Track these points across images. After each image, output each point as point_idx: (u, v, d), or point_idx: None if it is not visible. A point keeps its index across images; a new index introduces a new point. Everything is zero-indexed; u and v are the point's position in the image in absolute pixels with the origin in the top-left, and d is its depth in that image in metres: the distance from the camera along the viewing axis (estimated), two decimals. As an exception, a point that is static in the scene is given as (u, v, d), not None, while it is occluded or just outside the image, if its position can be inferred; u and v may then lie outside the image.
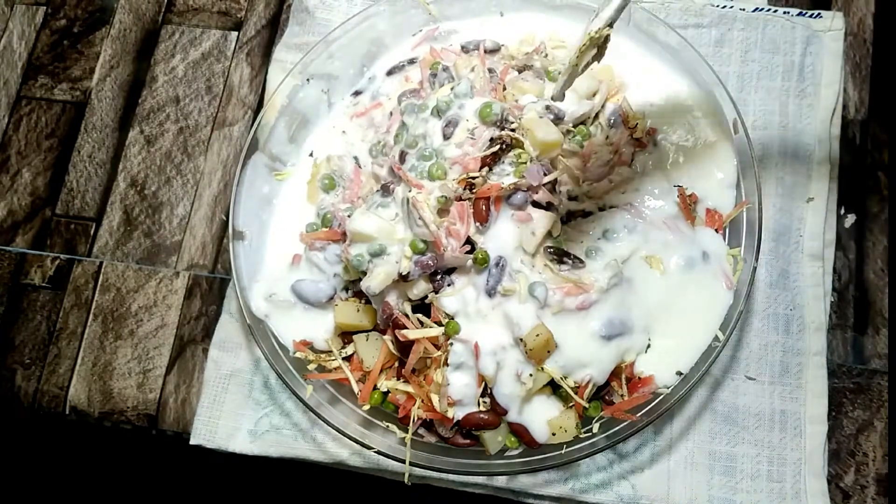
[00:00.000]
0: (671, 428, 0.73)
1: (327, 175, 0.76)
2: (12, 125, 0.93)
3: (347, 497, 0.98)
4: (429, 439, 0.67)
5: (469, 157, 0.65)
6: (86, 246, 0.87)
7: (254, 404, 0.77)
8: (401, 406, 0.68)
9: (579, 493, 0.72)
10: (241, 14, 0.94)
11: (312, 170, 0.78)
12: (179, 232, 0.86)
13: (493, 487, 0.73)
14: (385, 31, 0.81)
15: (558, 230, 0.67)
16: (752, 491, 0.71)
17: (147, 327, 0.83)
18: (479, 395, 0.65)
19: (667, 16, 0.83)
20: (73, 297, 0.85)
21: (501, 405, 0.64)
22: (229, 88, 0.91)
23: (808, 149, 0.79)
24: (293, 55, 0.87)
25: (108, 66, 0.94)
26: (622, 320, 0.65)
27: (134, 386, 0.81)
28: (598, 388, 0.66)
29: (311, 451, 0.75)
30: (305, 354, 0.71)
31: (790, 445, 0.72)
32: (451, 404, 0.65)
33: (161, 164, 0.89)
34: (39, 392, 0.82)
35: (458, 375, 0.65)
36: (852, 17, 0.86)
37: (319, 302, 0.71)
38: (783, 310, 0.75)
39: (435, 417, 0.66)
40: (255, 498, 1.13)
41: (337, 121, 0.81)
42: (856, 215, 0.79)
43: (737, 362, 0.74)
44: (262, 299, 0.72)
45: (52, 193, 0.90)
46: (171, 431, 0.80)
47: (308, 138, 0.80)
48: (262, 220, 0.77)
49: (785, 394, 0.73)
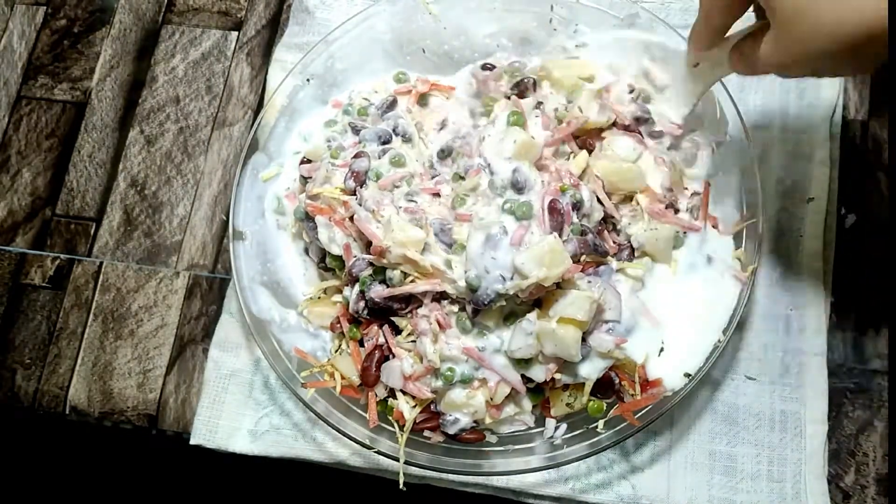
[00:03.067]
0: (671, 428, 0.73)
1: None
2: (12, 125, 0.93)
3: (347, 497, 0.98)
4: (436, 439, 0.67)
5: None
6: (86, 246, 0.87)
7: (254, 404, 0.77)
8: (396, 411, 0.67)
9: (579, 493, 0.72)
10: (241, 14, 0.94)
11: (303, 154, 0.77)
12: (179, 232, 0.86)
13: (492, 487, 0.73)
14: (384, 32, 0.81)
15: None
16: (752, 491, 0.71)
17: (147, 327, 0.83)
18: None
19: (667, 16, 0.83)
20: (74, 297, 0.85)
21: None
22: (229, 88, 0.91)
23: (808, 149, 0.79)
24: (293, 55, 0.87)
25: (108, 66, 0.94)
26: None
27: (134, 386, 0.81)
28: (606, 387, 0.65)
29: (311, 451, 0.75)
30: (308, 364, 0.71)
31: (790, 445, 0.72)
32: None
33: (161, 164, 0.89)
34: (39, 392, 0.82)
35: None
36: (852, 17, 0.86)
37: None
38: (783, 310, 0.75)
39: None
40: (255, 498, 1.13)
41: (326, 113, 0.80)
42: (856, 215, 0.79)
43: (737, 362, 0.74)
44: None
45: (52, 193, 0.90)
46: (171, 431, 0.80)
47: (294, 129, 0.79)
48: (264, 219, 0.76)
49: (785, 394, 0.73)
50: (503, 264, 0.59)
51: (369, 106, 0.76)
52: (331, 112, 0.79)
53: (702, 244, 0.68)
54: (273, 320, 0.72)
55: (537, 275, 0.58)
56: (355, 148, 0.72)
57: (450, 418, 0.64)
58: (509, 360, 0.63)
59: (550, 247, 0.58)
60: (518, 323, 0.62)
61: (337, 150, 0.73)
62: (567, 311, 0.60)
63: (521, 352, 0.61)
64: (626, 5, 0.74)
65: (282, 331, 0.72)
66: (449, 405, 0.64)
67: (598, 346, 0.62)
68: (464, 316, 0.63)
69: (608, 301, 0.63)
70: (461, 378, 0.62)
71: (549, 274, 0.58)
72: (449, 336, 0.63)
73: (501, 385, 0.63)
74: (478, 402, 0.63)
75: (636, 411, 0.64)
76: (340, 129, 0.76)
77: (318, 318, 0.71)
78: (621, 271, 0.65)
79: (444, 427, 0.65)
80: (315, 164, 0.74)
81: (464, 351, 0.62)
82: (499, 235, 0.60)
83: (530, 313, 0.61)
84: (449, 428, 0.64)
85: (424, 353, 0.62)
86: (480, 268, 0.59)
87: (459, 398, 0.63)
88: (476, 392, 0.63)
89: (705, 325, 0.66)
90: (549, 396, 0.67)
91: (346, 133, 0.75)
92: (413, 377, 0.63)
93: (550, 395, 0.67)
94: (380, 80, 0.80)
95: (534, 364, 0.62)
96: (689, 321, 0.66)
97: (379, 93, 0.79)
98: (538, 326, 0.60)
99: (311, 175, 0.73)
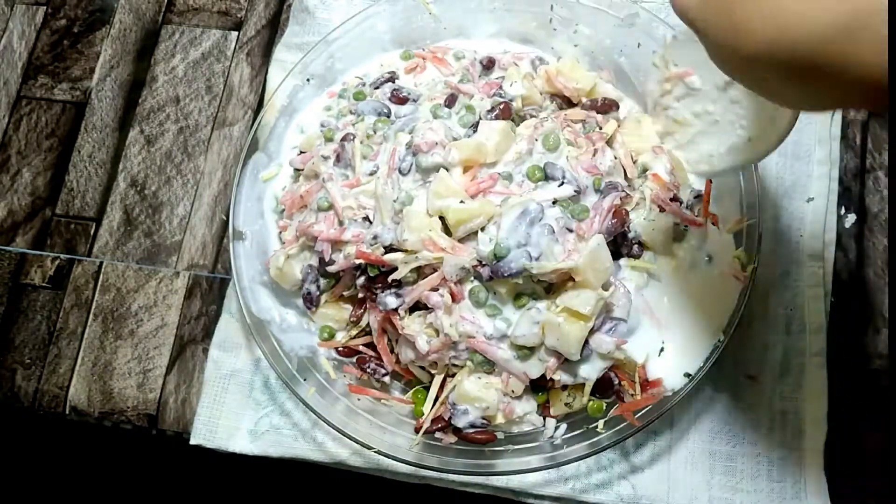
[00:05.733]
0: (671, 428, 0.73)
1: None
2: (12, 125, 0.93)
3: (347, 497, 0.98)
4: (447, 441, 0.67)
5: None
6: (86, 246, 0.87)
7: (254, 404, 0.77)
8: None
9: (579, 493, 0.72)
10: (241, 14, 0.94)
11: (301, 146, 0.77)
12: (179, 232, 0.86)
13: (492, 487, 0.73)
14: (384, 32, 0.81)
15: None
16: (752, 491, 0.71)
17: (147, 327, 0.83)
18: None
19: (667, 16, 0.83)
20: (74, 297, 0.85)
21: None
22: (229, 88, 0.91)
23: (808, 149, 0.79)
24: (293, 55, 0.87)
25: (108, 66, 0.94)
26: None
27: (134, 386, 0.81)
28: (606, 387, 0.65)
29: (311, 451, 0.75)
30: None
31: (790, 445, 0.72)
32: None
33: (161, 164, 0.89)
34: (39, 392, 0.82)
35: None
36: (852, 17, 0.85)
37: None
38: (783, 310, 0.75)
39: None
40: (255, 498, 1.13)
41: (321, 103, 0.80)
42: (856, 215, 0.79)
43: (737, 362, 0.74)
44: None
45: (52, 193, 0.90)
46: (172, 431, 0.80)
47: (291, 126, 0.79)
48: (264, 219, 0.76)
49: (785, 394, 0.73)
50: (535, 242, 0.60)
51: (363, 86, 0.77)
52: (327, 101, 0.79)
53: (703, 242, 0.68)
54: (273, 320, 0.72)
55: (570, 265, 0.59)
56: (347, 128, 0.72)
57: (460, 408, 0.64)
58: (511, 352, 0.63)
59: (597, 247, 0.60)
60: (527, 310, 0.62)
61: (330, 132, 0.73)
62: (573, 303, 0.60)
63: (525, 339, 0.61)
64: (626, 5, 0.74)
65: (282, 331, 0.72)
66: (462, 396, 0.64)
67: (598, 348, 0.62)
68: (478, 288, 0.62)
69: (618, 299, 0.63)
70: (479, 363, 0.63)
71: (587, 276, 0.59)
72: (462, 309, 0.62)
73: (513, 379, 0.63)
74: (490, 397, 0.63)
75: (636, 411, 0.64)
76: (336, 114, 0.76)
77: (321, 319, 0.71)
78: (631, 268, 0.65)
79: (454, 419, 0.65)
80: (308, 154, 0.74)
81: (469, 342, 0.62)
82: (534, 213, 0.60)
83: (540, 302, 0.62)
84: (458, 420, 0.65)
85: (441, 327, 0.62)
86: (513, 241, 0.60)
87: (473, 390, 0.63)
88: (491, 384, 0.63)
89: (705, 325, 0.65)
90: (548, 396, 0.67)
91: (343, 118, 0.75)
92: (430, 352, 0.63)
93: (550, 395, 0.67)
94: (373, 61, 0.81)
95: (532, 358, 0.62)
96: (689, 321, 0.66)
97: (370, 74, 0.79)
98: (545, 316, 0.60)
99: (304, 166, 0.73)
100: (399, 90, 0.74)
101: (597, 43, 0.77)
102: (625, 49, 0.75)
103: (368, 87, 0.77)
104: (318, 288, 0.70)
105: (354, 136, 0.69)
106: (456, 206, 0.61)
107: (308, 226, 0.68)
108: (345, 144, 0.69)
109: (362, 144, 0.69)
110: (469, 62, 0.77)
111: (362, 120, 0.72)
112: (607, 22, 0.75)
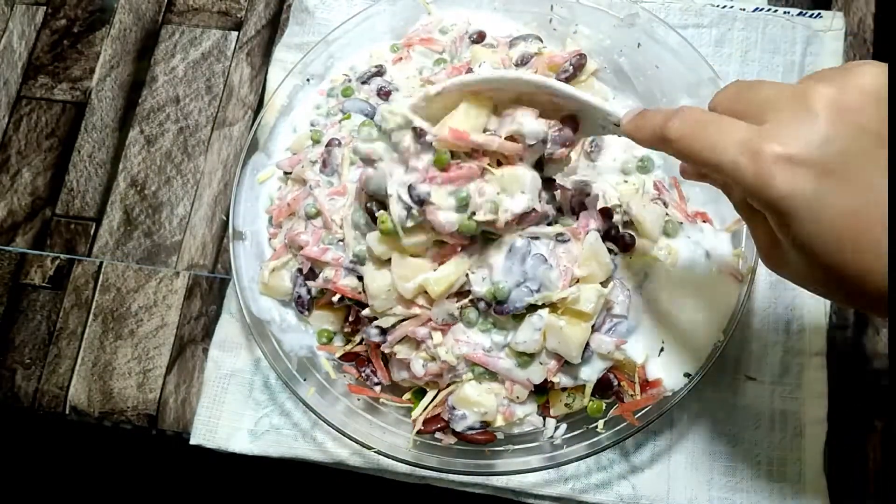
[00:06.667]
0: (671, 428, 0.73)
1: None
2: (12, 125, 0.93)
3: (347, 497, 0.98)
4: (447, 441, 0.67)
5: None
6: (86, 246, 0.87)
7: (254, 404, 0.77)
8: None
9: (579, 493, 0.72)
10: (241, 14, 0.94)
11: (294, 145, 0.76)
12: (179, 232, 0.86)
13: (492, 487, 0.73)
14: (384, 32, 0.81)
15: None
16: (752, 491, 0.71)
17: (147, 327, 0.83)
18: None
19: (667, 16, 0.83)
20: (73, 297, 0.85)
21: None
22: (229, 88, 0.91)
23: (808, 149, 0.79)
24: (293, 55, 0.87)
25: (108, 66, 0.94)
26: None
27: (134, 386, 0.81)
28: (605, 387, 0.65)
29: (311, 451, 0.75)
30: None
31: (790, 445, 0.72)
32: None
33: (161, 164, 0.89)
34: (39, 392, 0.82)
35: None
36: (852, 17, 0.86)
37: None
38: (783, 310, 0.75)
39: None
40: (255, 498, 1.13)
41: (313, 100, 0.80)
42: (856, 215, 0.79)
43: (737, 362, 0.74)
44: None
45: (52, 193, 0.90)
46: (171, 431, 0.80)
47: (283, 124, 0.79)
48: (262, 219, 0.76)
49: (785, 394, 0.73)
50: (532, 276, 0.59)
51: (349, 81, 0.77)
52: (317, 99, 0.79)
53: (699, 237, 0.67)
54: (273, 320, 0.72)
55: (572, 293, 0.59)
56: (335, 128, 0.71)
57: (458, 413, 0.64)
58: (512, 360, 0.62)
59: (593, 249, 0.60)
60: (528, 317, 0.61)
61: (318, 133, 0.72)
62: (576, 303, 0.60)
63: (526, 346, 0.60)
64: (626, 5, 0.74)
65: (282, 331, 0.72)
66: (461, 400, 0.64)
67: (598, 348, 0.62)
68: (468, 310, 0.61)
69: (616, 295, 0.63)
70: (480, 374, 0.63)
71: (589, 281, 0.59)
72: (455, 332, 0.62)
73: (517, 385, 0.63)
74: (489, 402, 0.63)
75: (636, 411, 0.64)
76: (325, 113, 0.76)
77: (316, 321, 0.71)
78: (626, 266, 0.65)
79: (452, 423, 0.65)
80: (296, 157, 0.74)
81: (467, 357, 0.62)
82: (523, 248, 0.59)
83: (542, 309, 0.61)
84: (456, 424, 0.64)
85: (436, 354, 0.62)
86: (511, 281, 0.59)
87: (473, 395, 0.63)
88: (491, 391, 0.63)
89: (705, 325, 0.65)
90: (548, 397, 0.67)
91: (332, 116, 0.75)
92: (427, 374, 0.63)
93: (550, 395, 0.67)
94: (359, 54, 0.80)
95: (533, 363, 0.62)
96: (690, 321, 0.66)
97: (358, 67, 0.79)
98: (547, 321, 0.60)
99: (292, 169, 0.73)
100: (385, 86, 0.74)
101: (597, 43, 0.77)
102: (625, 49, 0.75)
103: (356, 83, 0.76)
104: (308, 291, 0.70)
105: (340, 141, 0.69)
106: (435, 277, 0.59)
107: (296, 234, 0.68)
108: (331, 150, 0.69)
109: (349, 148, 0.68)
110: (458, 35, 0.76)
111: (349, 118, 0.72)
112: (607, 22, 0.75)
